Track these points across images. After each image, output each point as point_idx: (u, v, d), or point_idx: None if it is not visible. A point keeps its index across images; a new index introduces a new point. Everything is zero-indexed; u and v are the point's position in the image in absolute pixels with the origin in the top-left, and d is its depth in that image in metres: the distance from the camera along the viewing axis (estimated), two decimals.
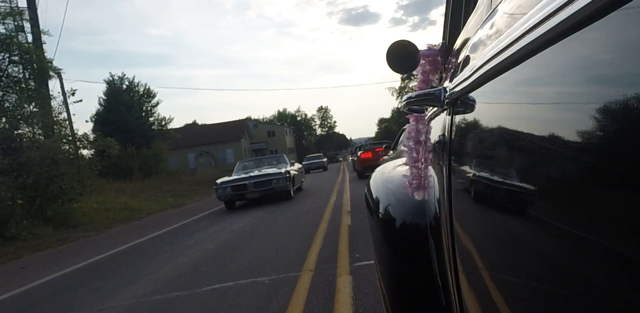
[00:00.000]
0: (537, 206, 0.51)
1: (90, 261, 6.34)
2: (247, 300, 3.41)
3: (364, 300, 3.03)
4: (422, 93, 1.10)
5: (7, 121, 12.45)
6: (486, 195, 0.71)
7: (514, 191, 0.58)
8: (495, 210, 0.69)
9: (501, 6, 0.70)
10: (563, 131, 0.43)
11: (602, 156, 0.37)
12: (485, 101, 0.72)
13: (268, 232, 6.66)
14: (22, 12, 13.68)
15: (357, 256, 4.22)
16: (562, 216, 0.45)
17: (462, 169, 0.86)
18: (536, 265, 0.52)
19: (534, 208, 0.52)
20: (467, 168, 0.82)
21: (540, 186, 0.50)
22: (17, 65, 13.35)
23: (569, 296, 0.44)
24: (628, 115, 0.33)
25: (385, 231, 1.32)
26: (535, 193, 0.52)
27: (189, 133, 49.85)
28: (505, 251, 0.63)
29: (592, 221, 0.39)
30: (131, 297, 4.03)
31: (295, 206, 9.56)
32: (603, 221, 0.38)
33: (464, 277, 0.83)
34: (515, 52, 0.52)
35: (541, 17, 0.44)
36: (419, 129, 1.31)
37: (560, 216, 0.46)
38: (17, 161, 10.77)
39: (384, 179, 1.62)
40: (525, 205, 0.54)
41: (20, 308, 4.32)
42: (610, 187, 0.37)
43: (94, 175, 14.07)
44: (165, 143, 30.20)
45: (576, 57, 0.42)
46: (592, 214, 0.39)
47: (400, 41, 1.24)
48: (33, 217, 10.31)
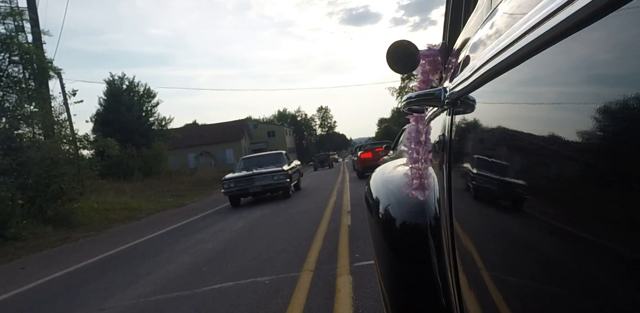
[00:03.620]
0: (537, 206, 0.51)
1: (90, 262, 6.34)
2: (247, 300, 3.41)
3: (364, 300, 3.03)
4: (422, 93, 1.10)
5: (7, 121, 12.45)
6: (486, 195, 0.71)
7: (514, 191, 0.58)
8: (496, 210, 0.68)
9: (501, 6, 0.70)
10: (563, 131, 0.43)
11: (602, 156, 0.37)
12: (485, 101, 0.72)
13: (268, 232, 6.66)
14: (22, 12, 13.69)
15: (357, 256, 4.22)
16: (562, 216, 0.45)
17: (462, 169, 0.86)
18: (536, 265, 0.52)
19: (534, 208, 0.52)
20: (467, 168, 0.82)
21: (540, 186, 0.50)
22: (17, 65, 13.37)
23: (569, 296, 0.45)
24: (628, 115, 0.33)
25: (385, 231, 1.32)
26: (535, 193, 0.52)
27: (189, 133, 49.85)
28: (505, 251, 0.63)
29: (592, 221, 0.39)
30: (131, 297, 4.03)
31: (295, 207, 9.56)
32: (603, 221, 0.38)
33: (464, 276, 0.83)
34: (515, 52, 0.52)
35: (541, 17, 0.44)
36: (419, 130, 1.31)
37: (560, 216, 0.46)
38: (17, 161, 10.78)
39: (384, 180, 1.62)
40: (525, 205, 0.54)
41: (20, 308, 4.32)
42: (610, 187, 0.37)
43: (94, 175, 14.09)
44: (165, 143, 30.21)
45: (576, 57, 0.42)
46: (592, 214, 0.39)
47: (400, 41, 1.24)
48: (33, 217, 10.30)
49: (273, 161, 12.73)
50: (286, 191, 11.68)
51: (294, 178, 13.01)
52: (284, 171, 11.48)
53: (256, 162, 12.97)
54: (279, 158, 13.15)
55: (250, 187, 11.32)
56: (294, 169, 12.95)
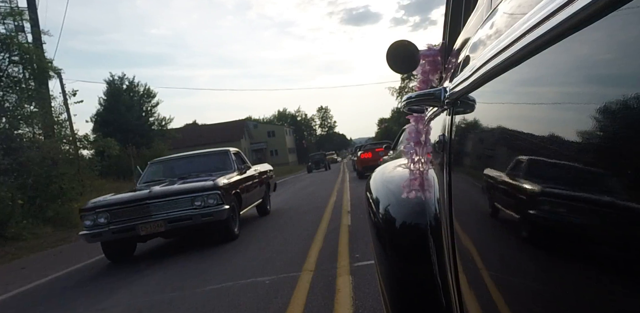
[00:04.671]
0: (536, 206, 0.51)
1: (90, 261, 6.34)
2: (247, 300, 3.41)
3: (364, 300, 3.03)
4: (422, 93, 1.10)
5: (7, 121, 12.45)
6: (486, 195, 0.71)
7: (514, 191, 0.58)
8: (495, 209, 0.68)
9: (501, 6, 0.70)
10: (563, 131, 0.43)
11: (602, 156, 0.37)
12: (485, 101, 0.72)
13: (268, 232, 6.66)
14: (22, 12, 13.69)
15: (357, 256, 4.22)
16: (561, 216, 0.45)
17: (462, 169, 0.86)
18: (536, 265, 0.52)
19: (533, 208, 0.52)
20: (467, 168, 0.83)
21: (540, 186, 0.50)
22: (17, 65, 13.35)
23: (569, 296, 0.45)
24: (628, 115, 0.33)
25: (385, 231, 1.32)
26: (535, 192, 0.52)
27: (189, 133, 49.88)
28: (505, 252, 0.63)
29: (592, 221, 0.40)
30: (131, 297, 4.03)
31: (295, 207, 9.55)
32: (603, 221, 0.38)
33: (464, 276, 0.83)
34: (515, 52, 0.52)
35: (541, 17, 0.44)
36: (419, 130, 1.31)
37: (560, 216, 0.46)
38: (17, 161, 10.79)
39: (384, 180, 1.62)
40: (525, 205, 0.54)
41: (20, 308, 4.33)
42: (610, 187, 0.37)
43: (94, 175, 14.08)
44: (165, 143, 30.20)
45: (576, 57, 0.42)
46: (592, 214, 0.39)
47: (400, 41, 1.24)
48: (33, 217, 10.31)
49: (209, 168, 7.08)
50: (225, 228, 5.96)
51: (249, 200, 7.25)
52: (219, 189, 5.78)
53: (178, 169, 7.36)
54: (221, 161, 7.30)
55: (142, 226, 5.56)
56: (248, 182, 7.22)
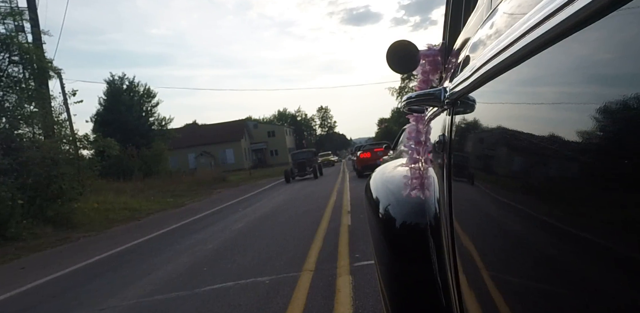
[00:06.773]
0: (537, 206, 0.51)
1: (90, 261, 6.34)
2: (247, 300, 3.41)
3: (364, 300, 3.03)
4: (422, 93, 1.10)
5: (7, 121, 12.45)
6: (486, 195, 0.71)
7: (514, 191, 0.58)
8: (495, 209, 0.68)
9: (501, 6, 0.70)
10: (563, 131, 0.43)
11: (602, 156, 0.37)
12: (485, 101, 0.72)
13: (268, 232, 6.66)
14: (22, 12, 13.69)
15: (357, 256, 4.22)
16: (562, 216, 0.45)
17: (462, 169, 0.86)
18: (536, 265, 0.52)
19: (533, 208, 0.52)
20: (467, 168, 0.83)
21: (540, 186, 0.50)
22: (17, 65, 13.36)
23: (569, 296, 0.45)
24: (628, 115, 0.33)
25: (385, 231, 1.32)
26: (535, 193, 0.52)
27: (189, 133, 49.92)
28: (505, 251, 0.63)
29: (592, 221, 0.40)
30: (131, 297, 4.03)
31: (295, 207, 9.56)
32: (603, 221, 0.38)
33: (464, 277, 0.83)
34: (515, 52, 0.52)
35: (541, 17, 0.44)
36: (419, 130, 1.31)
37: (560, 216, 0.46)
38: (17, 161, 10.77)
39: (384, 179, 1.62)
40: (525, 205, 0.54)
41: (20, 308, 4.32)
42: (610, 187, 0.37)
43: (94, 175, 14.07)
44: (165, 143, 30.21)
45: (576, 57, 0.42)
46: (592, 214, 0.39)
47: (401, 41, 1.24)
48: (33, 217, 10.30)
49: None
50: None
51: None
52: None
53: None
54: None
55: None
56: None
